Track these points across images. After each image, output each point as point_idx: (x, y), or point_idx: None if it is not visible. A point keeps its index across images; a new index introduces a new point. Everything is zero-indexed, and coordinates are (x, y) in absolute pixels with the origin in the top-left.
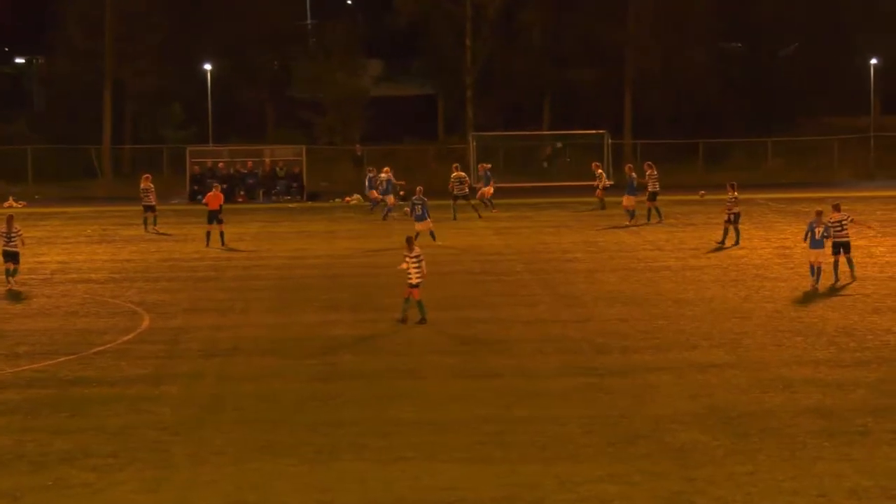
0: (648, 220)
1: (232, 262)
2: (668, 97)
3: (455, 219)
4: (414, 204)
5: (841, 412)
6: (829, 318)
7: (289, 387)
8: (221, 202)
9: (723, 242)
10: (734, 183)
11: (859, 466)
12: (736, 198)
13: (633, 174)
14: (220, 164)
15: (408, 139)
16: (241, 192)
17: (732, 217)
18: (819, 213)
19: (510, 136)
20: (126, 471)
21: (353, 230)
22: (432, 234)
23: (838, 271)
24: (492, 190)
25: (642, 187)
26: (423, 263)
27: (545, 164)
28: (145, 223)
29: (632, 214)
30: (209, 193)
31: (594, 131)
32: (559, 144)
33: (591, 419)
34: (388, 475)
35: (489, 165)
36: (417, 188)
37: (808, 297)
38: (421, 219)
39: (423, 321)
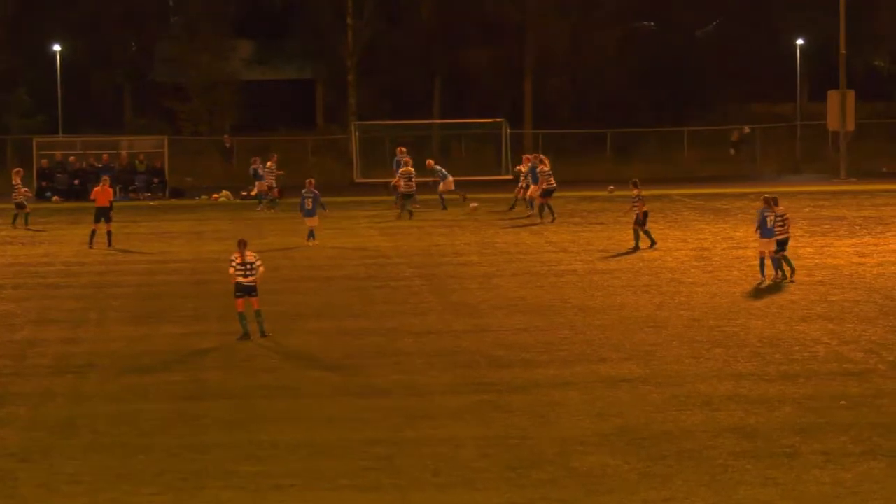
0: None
1: (86, 266)
2: (572, 82)
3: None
4: (304, 197)
5: (766, 432)
6: (752, 327)
7: (150, 407)
8: (111, 198)
9: (636, 247)
10: (636, 180)
11: (786, 491)
12: (640, 196)
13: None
14: (72, 158)
15: (283, 129)
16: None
17: (640, 217)
18: (767, 200)
19: (397, 125)
20: None
21: (221, 231)
22: (311, 234)
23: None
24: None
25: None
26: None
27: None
28: (14, 220)
29: (531, 204)
30: (96, 188)
31: (490, 120)
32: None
33: (488, 441)
34: None
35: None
36: (308, 181)
37: (730, 305)
38: (311, 214)
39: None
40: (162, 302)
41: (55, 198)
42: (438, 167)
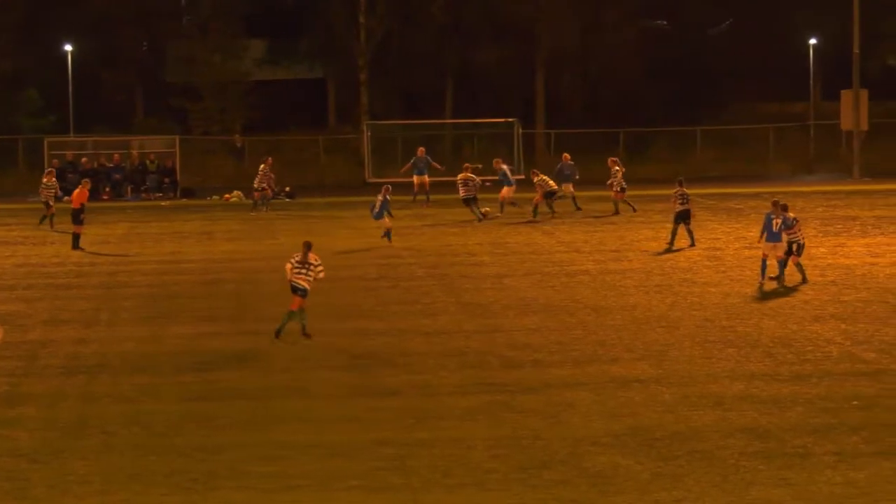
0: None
1: (97, 267)
2: (585, 81)
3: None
4: (381, 202)
5: (777, 432)
6: (764, 327)
7: (161, 408)
8: (85, 201)
9: (692, 244)
10: (682, 178)
11: (798, 492)
12: (684, 194)
13: (504, 166)
14: (83, 158)
15: (295, 128)
16: (107, 189)
17: (685, 214)
18: (775, 204)
19: (409, 124)
20: None
21: (233, 231)
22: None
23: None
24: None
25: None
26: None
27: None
28: (42, 220)
29: (502, 207)
30: (76, 191)
31: (503, 119)
32: None
33: (499, 441)
34: None
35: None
36: (384, 187)
37: (743, 305)
38: (379, 216)
39: (305, 334)
40: (173, 302)
41: (66, 198)
42: (505, 167)
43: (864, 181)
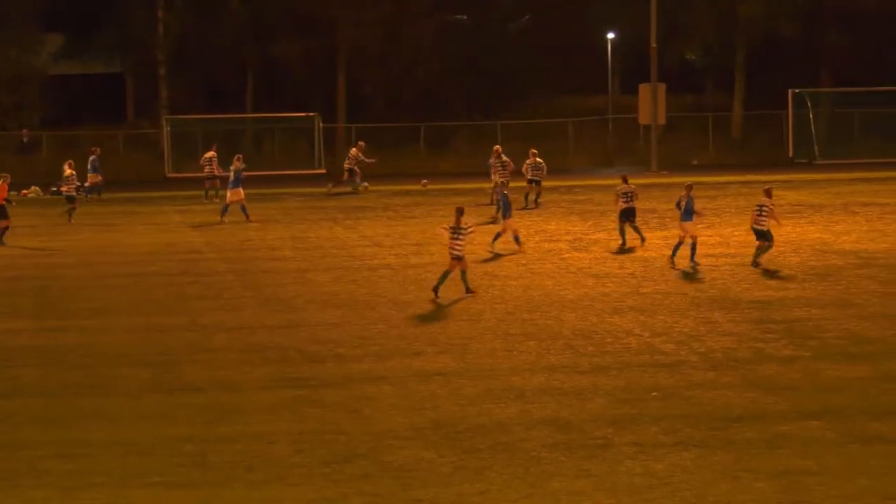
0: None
1: None
2: (386, 76)
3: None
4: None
5: (578, 424)
6: (565, 319)
7: None
8: (5, 196)
9: (643, 241)
10: (626, 175)
11: (599, 483)
12: (633, 191)
13: (240, 163)
14: None
15: (92, 123)
16: None
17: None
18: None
19: (210, 119)
20: None
21: (33, 227)
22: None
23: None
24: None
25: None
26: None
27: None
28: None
29: (225, 210)
30: None
31: (304, 114)
32: None
33: (302, 436)
34: (76, 503)
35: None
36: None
37: (543, 298)
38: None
39: (469, 292)
40: None
41: None
42: (499, 159)
43: (662, 174)
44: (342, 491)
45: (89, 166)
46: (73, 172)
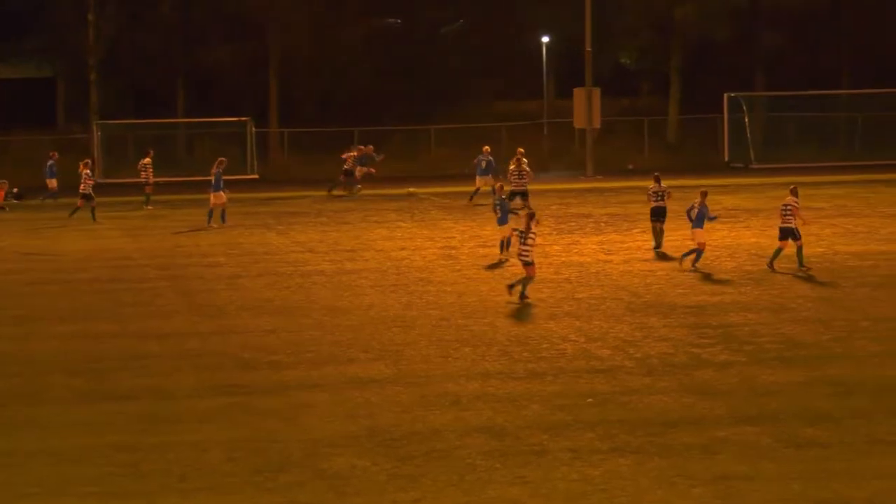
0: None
1: None
2: (318, 80)
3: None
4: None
5: (514, 430)
6: (500, 325)
7: None
8: None
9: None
10: (658, 174)
11: (535, 489)
12: (663, 191)
13: (219, 169)
14: None
15: (21, 128)
16: None
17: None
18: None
19: (141, 123)
20: None
21: None
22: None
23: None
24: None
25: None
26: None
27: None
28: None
29: (210, 214)
30: None
31: (235, 119)
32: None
33: (235, 444)
34: None
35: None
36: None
37: (478, 304)
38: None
39: (523, 298)
40: None
41: None
42: (487, 159)
43: (597, 179)
44: (275, 499)
45: (47, 171)
46: (89, 171)
